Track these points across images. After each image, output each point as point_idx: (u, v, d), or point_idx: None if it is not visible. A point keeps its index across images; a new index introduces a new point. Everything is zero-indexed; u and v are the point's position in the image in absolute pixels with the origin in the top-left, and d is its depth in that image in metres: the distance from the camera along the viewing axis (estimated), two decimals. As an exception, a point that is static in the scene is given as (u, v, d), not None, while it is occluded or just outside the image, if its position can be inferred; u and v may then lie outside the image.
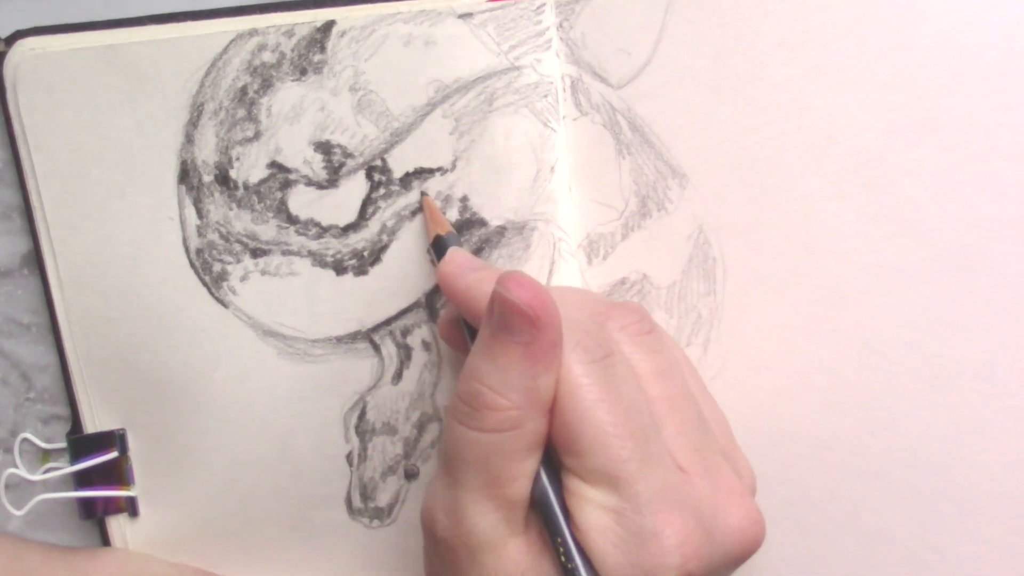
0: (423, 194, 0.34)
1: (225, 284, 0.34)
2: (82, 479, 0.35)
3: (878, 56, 0.33)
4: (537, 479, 0.26)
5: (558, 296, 0.26)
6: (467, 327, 0.31)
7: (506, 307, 0.25)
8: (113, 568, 0.35)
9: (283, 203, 0.34)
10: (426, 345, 0.35)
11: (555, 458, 0.27)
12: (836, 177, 0.33)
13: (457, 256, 0.31)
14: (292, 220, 0.34)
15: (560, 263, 0.35)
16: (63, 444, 0.35)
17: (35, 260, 0.35)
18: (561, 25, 0.34)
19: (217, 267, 0.34)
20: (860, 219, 0.33)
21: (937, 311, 0.33)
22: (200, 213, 0.34)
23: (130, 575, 0.35)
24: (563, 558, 0.25)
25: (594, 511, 0.25)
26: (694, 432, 0.27)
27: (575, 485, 0.26)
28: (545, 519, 0.26)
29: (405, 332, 0.35)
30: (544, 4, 0.34)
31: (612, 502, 0.25)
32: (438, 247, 0.32)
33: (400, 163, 0.34)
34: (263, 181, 0.34)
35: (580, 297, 0.30)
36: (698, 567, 0.25)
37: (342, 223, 0.34)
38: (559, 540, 0.25)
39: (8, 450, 0.35)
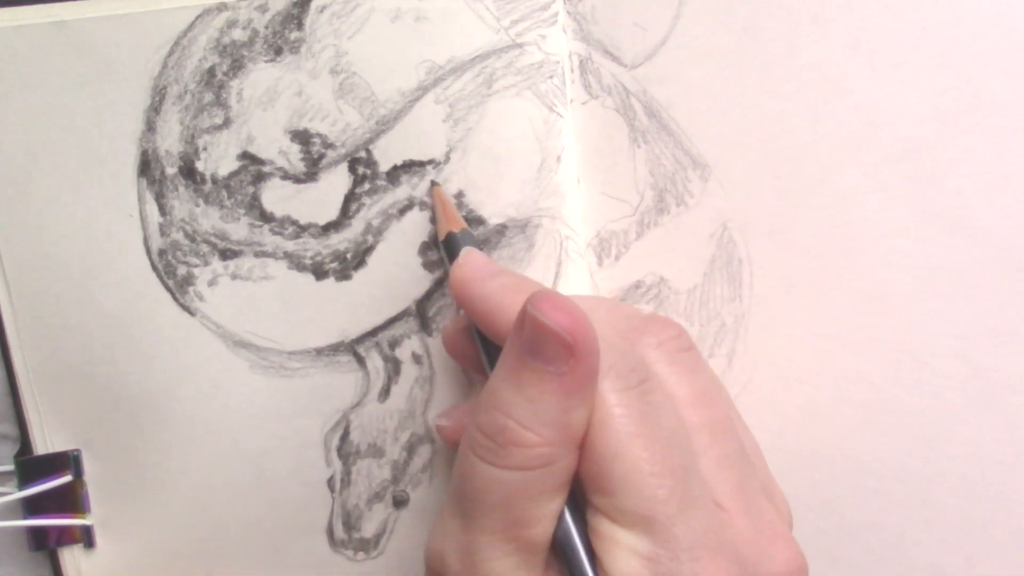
0: (433, 184, 0.33)
1: (191, 289, 0.34)
2: (32, 506, 0.34)
3: (923, 33, 0.32)
4: (560, 519, 0.26)
5: (586, 310, 0.25)
6: (482, 341, 0.30)
7: (540, 332, 0.24)
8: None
9: (256, 198, 0.33)
10: (417, 358, 0.34)
11: (580, 495, 0.26)
12: (876, 168, 0.33)
13: (472, 258, 0.30)
14: (266, 218, 0.33)
15: (567, 264, 0.34)
16: (11, 467, 0.34)
17: (-22, 262, 0.34)
18: (568, -3, 0.33)
19: (182, 270, 0.34)
20: (903, 215, 0.33)
21: (990, 318, 0.33)
22: (163, 209, 0.33)
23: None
24: None
25: (625, 556, 0.24)
26: (738, 465, 0.26)
27: (604, 527, 0.25)
28: (568, 563, 0.25)
29: (393, 343, 0.34)
30: (549, -26, 0.34)
31: (646, 547, 0.24)
32: (450, 247, 0.31)
33: (387, 155, 0.33)
34: (233, 174, 0.33)
35: (610, 310, 0.29)
36: None
37: (322, 221, 0.34)
38: None
39: (-51, 474, 0.35)
